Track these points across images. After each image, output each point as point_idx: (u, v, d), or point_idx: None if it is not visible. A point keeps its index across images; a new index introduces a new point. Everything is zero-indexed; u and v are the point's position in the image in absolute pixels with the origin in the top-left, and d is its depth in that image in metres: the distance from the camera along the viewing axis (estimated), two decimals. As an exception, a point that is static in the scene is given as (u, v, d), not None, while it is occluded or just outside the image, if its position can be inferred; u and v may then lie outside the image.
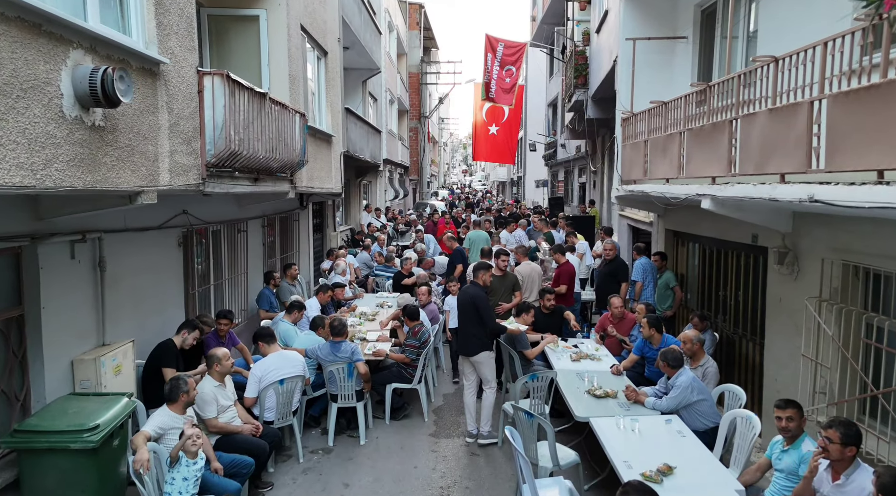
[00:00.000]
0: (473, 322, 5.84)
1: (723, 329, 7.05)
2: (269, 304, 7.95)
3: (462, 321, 6.00)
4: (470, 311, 5.85)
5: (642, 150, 7.45)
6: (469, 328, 5.89)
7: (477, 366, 5.93)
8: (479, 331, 5.85)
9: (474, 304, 5.81)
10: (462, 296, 6.08)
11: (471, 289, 5.99)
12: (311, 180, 8.89)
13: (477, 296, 5.85)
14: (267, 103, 6.17)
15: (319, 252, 12.67)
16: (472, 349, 5.89)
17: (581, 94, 12.42)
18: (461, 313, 6.03)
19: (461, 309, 6.03)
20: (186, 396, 4.12)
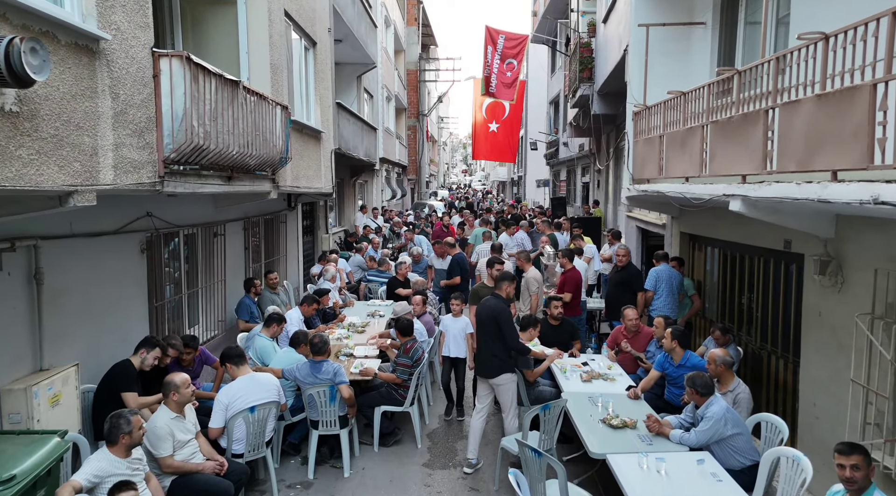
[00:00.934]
0: (494, 339, 5.20)
1: (747, 343, 6.38)
2: (248, 314, 7.29)
3: (481, 338, 5.35)
4: (490, 327, 5.20)
5: (657, 146, 6.79)
6: (489, 346, 5.24)
7: (497, 389, 5.30)
8: (501, 351, 5.22)
9: (495, 320, 5.16)
10: (482, 309, 5.37)
11: (492, 301, 5.32)
12: (296, 179, 8.23)
13: (499, 311, 5.20)
14: (241, 93, 5.50)
15: (310, 255, 12.00)
16: (491, 370, 5.25)
17: (586, 89, 11.76)
18: (480, 329, 5.38)
19: (480, 324, 5.37)
20: (129, 438, 3.46)
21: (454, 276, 8.75)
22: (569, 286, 7.32)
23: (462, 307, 6.47)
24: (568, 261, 7.53)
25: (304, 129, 8.59)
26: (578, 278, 7.45)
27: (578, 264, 7.93)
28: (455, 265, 8.73)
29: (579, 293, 7.47)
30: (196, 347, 5.25)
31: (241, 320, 7.28)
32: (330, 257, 10.16)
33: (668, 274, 7.33)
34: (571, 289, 7.29)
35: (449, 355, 6.37)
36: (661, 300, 7.17)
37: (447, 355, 6.39)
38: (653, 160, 6.97)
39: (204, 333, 6.99)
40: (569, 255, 7.55)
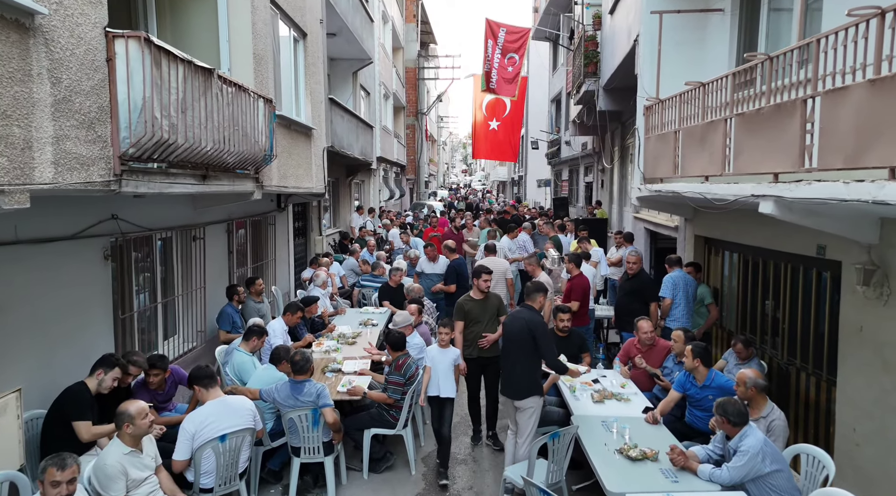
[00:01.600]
0: (526, 357, 4.65)
1: (772, 357, 5.85)
2: (230, 324, 6.75)
3: (510, 354, 4.78)
4: (523, 343, 4.64)
5: (672, 142, 6.26)
6: (520, 365, 4.67)
7: (519, 412, 4.73)
8: (533, 370, 4.68)
9: (531, 334, 4.59)
10: (514, 321, 4.81)
11: (525, 313, 4.75)
12: (284, 179, 7.69)
13: (535, 324, 4.63)
14: (215, 82, 4.97)
15: (302, 259, 11.47)
16: (519, 391, 4.69)
17: (591, 84, 11.23)
18: (510, 343, 4.81)
19: (510, 337, 4.81)
20: (57, 490, 2.92)
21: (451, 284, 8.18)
22: (576, 294, 6.78)
23: (451, 336, 5.42)
24: (575, 266, 6.99)
25: (292, 124, 8.06)
26: (586, 285, 6.91)
27: (586, 269, 7.38)
28: (451, 272, 8.16)
29: (587, 301, 6.93)
30: (164, 368, 4.70)
31: (222, 330, 6.74)
32: (321, 261, 9.62)
33: (684, 280, 6.80)
34: (579, 297, 6.75)
35: (438, 395, 5.24)
36: (679, 309, 6.63)
37: (435, 395, 5.25)
38: (667, 158, 6.44)
39: (181, 345, 6.45)
40: (576, 261, 7.00)
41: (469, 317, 5.57)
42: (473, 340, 5.59)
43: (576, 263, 6.99)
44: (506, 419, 5.20)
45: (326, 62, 11.79)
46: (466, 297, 5.67)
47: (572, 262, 7.01)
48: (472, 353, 5.62)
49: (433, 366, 5.27)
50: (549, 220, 11.86)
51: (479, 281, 5.59)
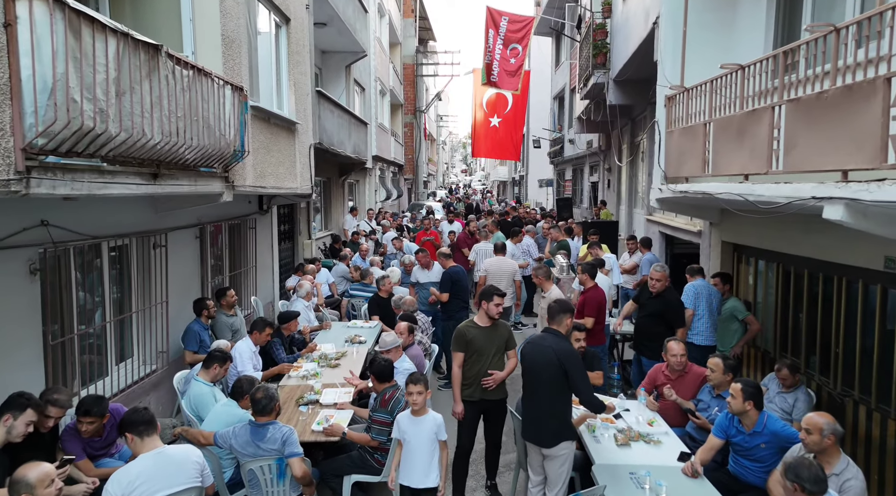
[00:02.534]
0: (555, 394, 3.84)
1: (821, 385, 5.04)
2: (197, 344, 5.94)
3: (535, 390, 3.94)
4: (552, 375, 3.82)
5: (701, 136, 5.45)
6: (547, 402, 3.85)
7: (548, 460, 3.91)
8: (563, 409, 3.88)
9: (561, 366, 3.78)
10: (537, 350, 3.93)
11: (550, 339, 3.92)
12: (261, 178, 6.87)
13: (565, 353, 3.82)
14: (164, 62, 4.15)
15: (289, 265, 10.64)
16: (549, 436, 3.88)
17: (600, 76, 10.41)
18: (533, 377, 3.96)
19: (533, 370, 3.94)
20: None
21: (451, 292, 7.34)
22: (590, 308, 5.96)
23: (426, 396, 4.04)
24: (589, 277, 6.16)
25: (271, 117, 7.24)
26: (602, 299, 6.08)
27: (601, 280, 6.55)
28: (446, 280, 7.29)
29: (603, 317, 6.11)
30: (101, 414, 3.86)
31: (188, 351, 5.93)
32: (307, 268, 8.80)
33: (707, 290, 6.01)
34: (594, 313, 5.93)
35: (410, 486, 3.97)
36: (703, 322, 5.83)
37: (407, 485, 3.97)
38: (694, 154, 5.63)
39: (139, 369, 5.63)
40: (590, 271, 6.17)
41: (471, 348, 4.47)
42: (476, 379, 4.50)
43: (590, 274, 6.16)
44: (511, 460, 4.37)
45: (314, 52, 10.97)
46: (469, 324, 4.57)
47: (586, 273, 6.18)
48: (473, 395, 4.52)
49: (404, 443, 3.98)
50: (554, 222, 11.01)
51: (489, 305, 4.46)
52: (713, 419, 4.33)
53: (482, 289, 4.61)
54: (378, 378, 4.41)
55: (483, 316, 4.55)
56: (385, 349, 4.99)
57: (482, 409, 4.64)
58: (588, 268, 6.17)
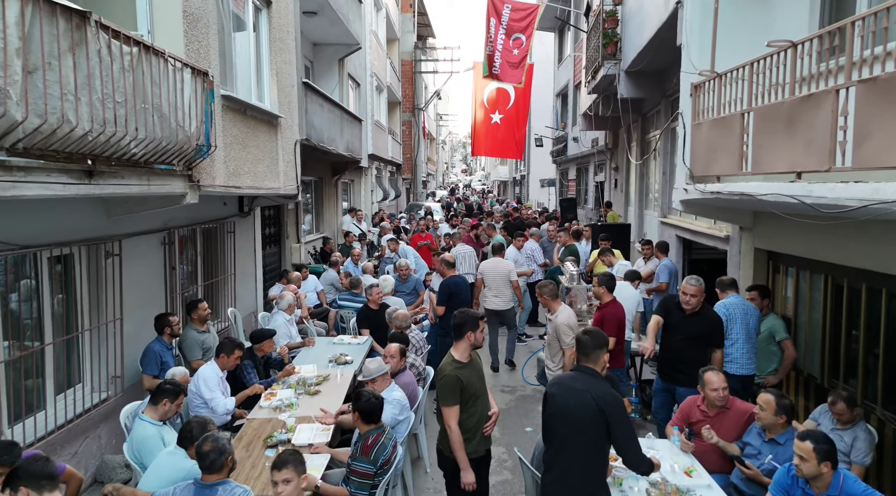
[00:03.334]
0: (593, 449, 3.08)
1: (885, 421, 4.27)
2: (158, 366, 5.17)
3: (564, 443, 3.13)
4: (590, 428, 3.02)
5: (737, 127, 4.70)
6: (579, 459, 3.06)
7: None
8: (600, 468, 3.10)
9: (601, 414, 2.99)
10: (571, 395, 3.09)
11: (586, 380, 3.11)
12: (235, 176, 6.11)
13: (608, 401, 3.01)
14: (95, 34, 3.39)
15: (276, 271, 9.88)
16: None
17: (611, 68, 9.65)
18: (561, 427, 3.12)
19: (561, 418, 3.11)
20: None
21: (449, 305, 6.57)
22: (609, 327, 5.18)
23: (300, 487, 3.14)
24: (606, 290, 5.39)
25: (248, 109, 6.48)
26: (621, 315, 5.31)
27: (628, 292, 5.76)
28: (444, 291, 6.53)
29: (623, 336, 5.34)
30: (11, 462, 3.09)
31: (147, 375, 5.16)
32: (291, 276, 8.04)
33: (742, 309, 5.18)
34: (613, 332, 5.16)
35: None
36: (738, 348, 5.01)
37: None
38: (729, 149, 4.88)
39: (87, 398, 4.86)
40: (607, 283, 5.39)
41: (468, 392, 3.56)
42: (477, 427, 3.63)
43: (608, 287, 5.39)
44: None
45: (303, 43, 10.25)
46: (454, 365, 3.58)
47: (603, 286, 5.41)
48: (478, 450, 3.64)
49: None
50: (563, 226, 10.23)
51: (475, 334, 3.61)
52: (765, 469, 3.57)
53: (465, 314, 3.75)
54: (363, 417, 3.64)
55: (465, 349, 3.66)
56: (369, 378, 4.22)
57: (487, 463, 3.85)
58: (606, 279, 5.39)
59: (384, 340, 6.20)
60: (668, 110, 9.52)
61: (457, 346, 3.71)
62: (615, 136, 14.58)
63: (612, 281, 5.40)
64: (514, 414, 6.51)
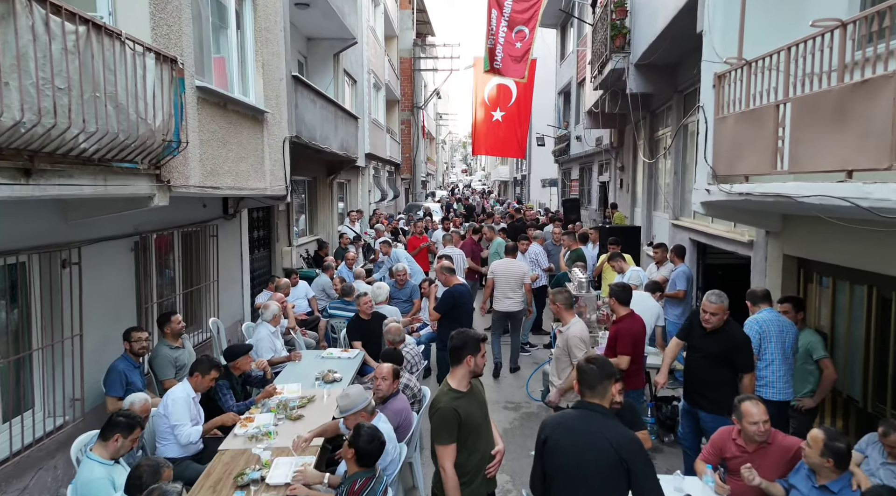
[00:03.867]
0: None
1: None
2: (122, 388, 4.64)
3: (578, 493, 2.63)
4: (606, 477, 2.54)
5: (771, 120, 4.20)
6: None
7: None
8: None
9: (621, 463, 2.51)
10: (577, 440, 2.64)
11: (599, 421, 2.63)
12: (213, 176, 5.58)
13: (627, 446, 2.54)
14: (27, 6, 2.86)
15: (265, 277, 9.35)
16: None
17: (619, 61, 9.13)
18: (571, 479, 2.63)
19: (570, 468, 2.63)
20: None
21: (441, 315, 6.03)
22: (624, 344, 4.65)
23: None
24: (619, 303, 4.84)
25: (229, 103, 5.94)
26: (638, 330, 4.76)
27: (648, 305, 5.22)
28: (447, 301, 6.01)
29: (641, 353, 4.79)
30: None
31: (111, 398, 4.63)
32: (279, 283, 7.51)
33: (777, 325, 4.60)
34: (628, 349, 4.63)
35: None
36: (773, 369, 4.46)
37: None
38: (758, 145, 4.37)
39: (40, 424, 4.33)
40: (621, 295, 4.83)
41: (467, 427, 3.02)
42: (479, 469, 3.13)
43: (621, 299, 4.84)
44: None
45: (298, 38, 9.73)
46: (452, 396, 3.04)
47: (614, 298, 4.86)
48: (481, 492, 3.16)
49: None
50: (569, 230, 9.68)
51: (475, 358, 3.09)
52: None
53: (458, 338, 3.17)
54: (359, 459, 3.10)
55: (463, 376, 3.12)
56: (347, 413, 3.66)
57: None
58: (618, 291, 4.84)
59: (378, 352, 5.68)
60: (681, 106, 8.99)
61: (454, 373, 3.18)
62: (621, 134, 14.05)
63: (625, 292, 4.85)
64: (519, 435, 5.98)
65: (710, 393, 4.14)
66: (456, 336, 3.24)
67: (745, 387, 4.13)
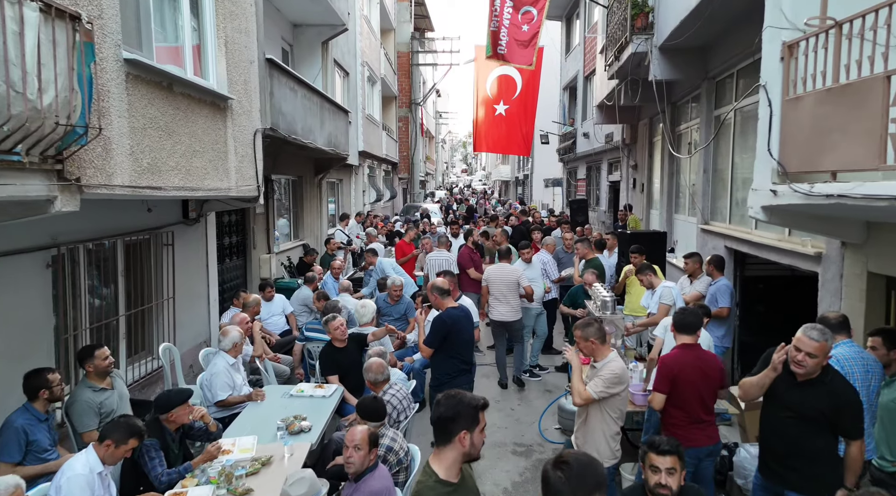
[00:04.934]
0: None
1: None
2: (20, 450, 3.55)
3: None
4: None
5: (877, 97, 3.14)
6: None
7: None
8: None
9: None
10: None
11: None
12: (152, 173, 4.46)
13: None
14: None
15: (240, 288, 8.25)
16: None
17: (641, 44, 8.01)
18: None
19: None
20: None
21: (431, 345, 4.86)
22: (690, 394, 3.54)
23: None
24: (684, 333, 3.73)
25: (176, 84, 4.83)
26: (688, 362, 3.65)
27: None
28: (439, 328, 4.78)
29: (693, 398, 3.67)
30: None
31: (5, 464, 3.53)
32: (247, 299, 6.40)
33: (861, 364, 3.57)
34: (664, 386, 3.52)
35: None
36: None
37: None
38: (856, 131, 3.31)
39: None
40: (691, 323, 3.73)
41: None
42: None
43: (687, 329, 3.72)
44: None
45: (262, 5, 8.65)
46: (437, 488, 2.14)
47: (675, 327, 3.77)
48: None
49: None
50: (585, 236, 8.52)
51: (470, 434, 2.18)
52: None
53: (448, 406, 2.16)
54: None
55: (454, 460, 2.19)
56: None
57: None
58: (691, 318, 3.74)
59: (360, 384, 4.59)
60: (712, 94, 7.89)
61: (441, 455, 2.20)
62: (634, 130, 12.95)
63: (694, 321, 3.75)
64: (532, 490, 4.89)
65: (805, 466, 3.03)
66: (444, 402, 2.22)
67: (852, 459, 3.02)
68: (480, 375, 7.26)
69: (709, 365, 3.66)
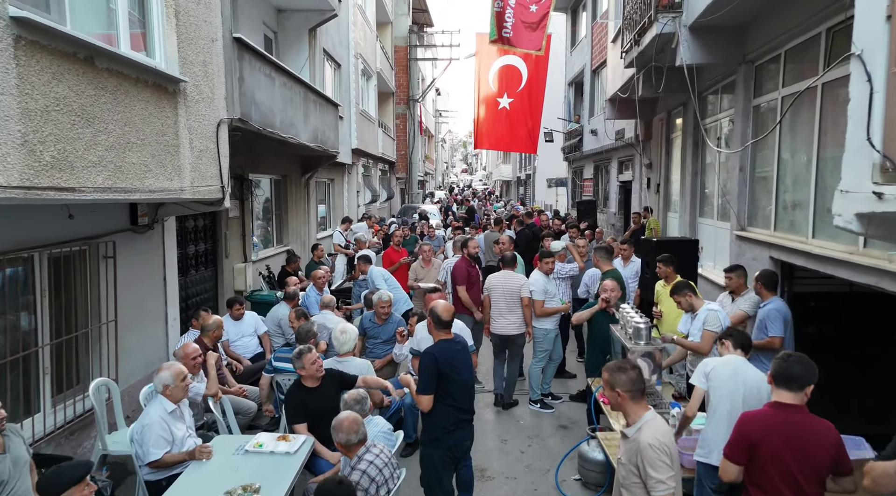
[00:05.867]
0: None
1: None
2: None
3: None
4: None
5: None
6: None
7: None
8: None
9: None
10: None
11: None
12: (59, 170, 3.44)
13: None
14: None
15: (208, 304, 7.24)
16: None
17: (667, 24, 6.98)
18: None
19: None
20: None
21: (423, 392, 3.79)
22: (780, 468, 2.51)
23: None
24: (790, 390, 2.69)
25: (98, 58, 3.80)
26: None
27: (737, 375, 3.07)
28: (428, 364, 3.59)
29: (769, 473, 2.65)
30: None
31: None
32: (206, 321, 5.37)
33: None
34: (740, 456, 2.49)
35: None
36: None
37: None
38: None
39: None
40: (795, 378, 2.66)
41: None
42: None
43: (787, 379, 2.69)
44: None
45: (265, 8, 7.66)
46: None
47: (773, 378, 2.74)
48: None
49: None
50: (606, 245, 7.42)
51: None
52: None
53: None
54: None
55: None
56: None
57: None
58: (798, 368, 2.68)
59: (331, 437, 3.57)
60: (751, 81, 6.86)
61: None
62: (648, 125, 11.92)
63: (806, 368, 2.71)
64: None
65: None
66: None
67: None
68: (482, 405, 6.24)
69: (812, 437, 2.61)
